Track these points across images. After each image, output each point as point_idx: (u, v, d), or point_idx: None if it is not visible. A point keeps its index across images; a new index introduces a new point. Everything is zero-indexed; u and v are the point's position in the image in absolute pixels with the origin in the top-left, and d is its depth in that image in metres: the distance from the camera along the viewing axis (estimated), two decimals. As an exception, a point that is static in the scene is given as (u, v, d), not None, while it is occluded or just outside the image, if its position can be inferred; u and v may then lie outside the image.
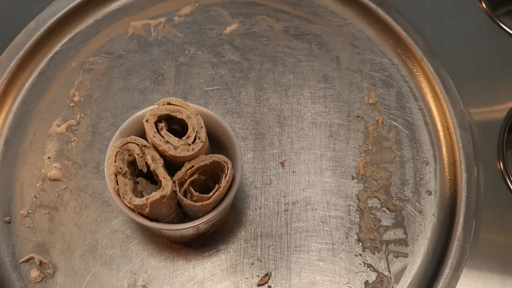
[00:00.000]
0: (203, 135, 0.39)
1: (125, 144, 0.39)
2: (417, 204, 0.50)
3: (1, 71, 0.54)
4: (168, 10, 0.59)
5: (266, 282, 0.47)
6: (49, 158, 0.51)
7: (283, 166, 0.51)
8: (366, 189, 0.51)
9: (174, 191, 0.38)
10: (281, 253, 0.48)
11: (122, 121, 0.43)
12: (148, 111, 0.40)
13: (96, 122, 0.53)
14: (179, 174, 0.39)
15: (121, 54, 0.56)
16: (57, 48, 0.57)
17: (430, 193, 0.51)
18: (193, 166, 0.39)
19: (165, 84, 0.55)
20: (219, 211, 0.40)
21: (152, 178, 0.40)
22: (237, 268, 0.47)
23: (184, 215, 0.43)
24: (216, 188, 0.39)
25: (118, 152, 0.38)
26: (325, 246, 0.48)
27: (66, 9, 0.57)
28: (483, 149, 0.53)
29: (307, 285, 0.47)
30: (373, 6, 0.59)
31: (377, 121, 0.54)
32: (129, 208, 0.38)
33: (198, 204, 0.38)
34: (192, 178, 0.39)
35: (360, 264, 0.48)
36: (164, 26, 0.58)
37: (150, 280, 0.46)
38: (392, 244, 0.49)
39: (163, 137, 0.39)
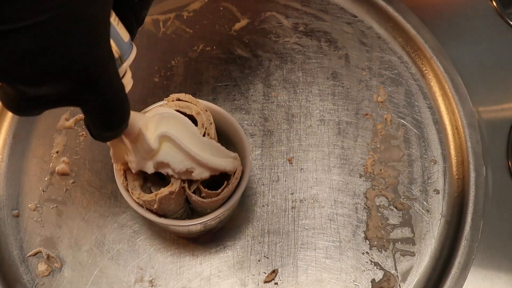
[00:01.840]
0: (212, 131, 0.39)
1: (134, 139, 0.39)
2: (425, 203, 0.50)
3: (10, 65, 0.54)
4: (177, 6, 0.59)
5: (273, 279, 0.47)
6: (57, 152, 0.51)
7: (291, 163, 0.51)
8: (373, 187, 0.51)
9: (183, 187, 0.38)
10: (288, 250, 0.48)
11: (130, 117, 0.43)
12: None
13: (105, 117, 0.53)
14: (188, 170, 0.39)
15: (130, 49, 0.56)
16: (66, 42, 0.57)
17: (438, 192, 0.51)
18: (202, 162, 0.39)
19: (174, 80, 0.55)
20: (228, 207, 0.40)
21: (160, 174, 0.40)
22: (244, 264, 0.47)
23: (192, 211, 0.43)
24: (224, 184, 0.39)
25: (127, 147, 0.38)
26: (332, 244, 0.48)
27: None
28: (492, 148, 0.53)
29: (313, 283, 0.47)
30: (382, 3, 0.58)
31: (385, 119, 0.54)
32: (138, 203, 0.38)
33: (207, 200, 0.38)
34: (201, 175, 0.39)
35: (367, 262, 0.48)
36: (173, 22, 0.58)
37: (157, 276, 0.46)
38: (399, 242, 0.49)
39: (172, 133, 0.38)
